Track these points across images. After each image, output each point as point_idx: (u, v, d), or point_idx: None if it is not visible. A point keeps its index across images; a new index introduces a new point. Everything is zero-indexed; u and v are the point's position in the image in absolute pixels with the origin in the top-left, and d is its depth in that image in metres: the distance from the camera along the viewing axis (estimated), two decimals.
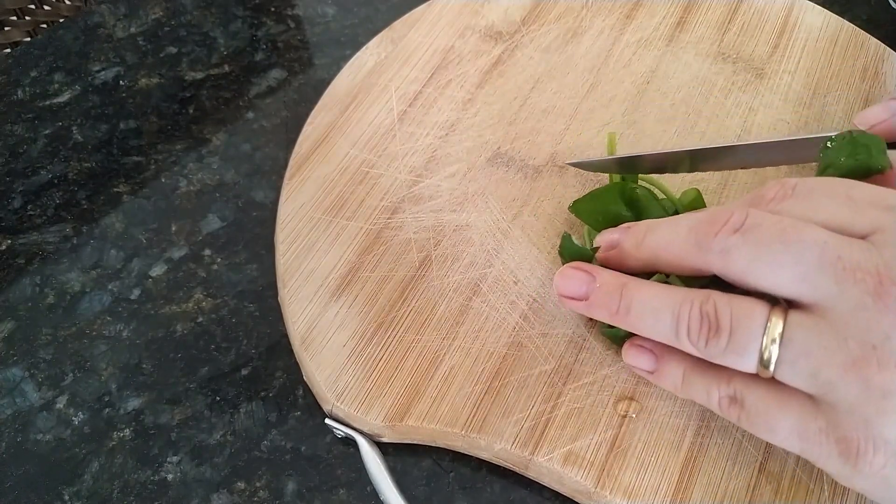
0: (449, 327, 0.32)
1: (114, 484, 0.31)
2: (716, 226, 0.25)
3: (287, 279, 0.34)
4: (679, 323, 0.26)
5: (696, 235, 0.26)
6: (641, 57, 0.41)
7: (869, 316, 0.22)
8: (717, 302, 0.25)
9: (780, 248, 0.24)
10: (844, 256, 0.23)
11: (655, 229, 0.28)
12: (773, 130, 0.38)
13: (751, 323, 0.24)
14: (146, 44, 0.46)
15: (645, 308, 0.27)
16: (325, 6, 0.47)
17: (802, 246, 0.23)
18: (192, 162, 0.41)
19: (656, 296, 0.27)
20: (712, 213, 0.26)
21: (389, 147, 0.38)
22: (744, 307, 0.24)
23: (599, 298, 0.29)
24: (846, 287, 0.23)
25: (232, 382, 0.34)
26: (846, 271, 0.23)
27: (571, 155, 0.37)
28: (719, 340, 0.25)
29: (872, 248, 0.23)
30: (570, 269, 0.30)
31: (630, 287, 0.28)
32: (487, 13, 0.43)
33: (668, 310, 0.26)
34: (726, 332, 0.24)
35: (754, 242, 0.24)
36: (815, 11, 0.42)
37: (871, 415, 0.22)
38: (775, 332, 0.24)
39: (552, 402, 0.30)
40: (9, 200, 0.39)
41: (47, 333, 0.35)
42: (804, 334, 0.23)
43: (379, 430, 0.30)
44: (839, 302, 0.23)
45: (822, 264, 0.23)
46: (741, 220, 0.25)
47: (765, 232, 0.24)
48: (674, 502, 0.28)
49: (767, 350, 0.24)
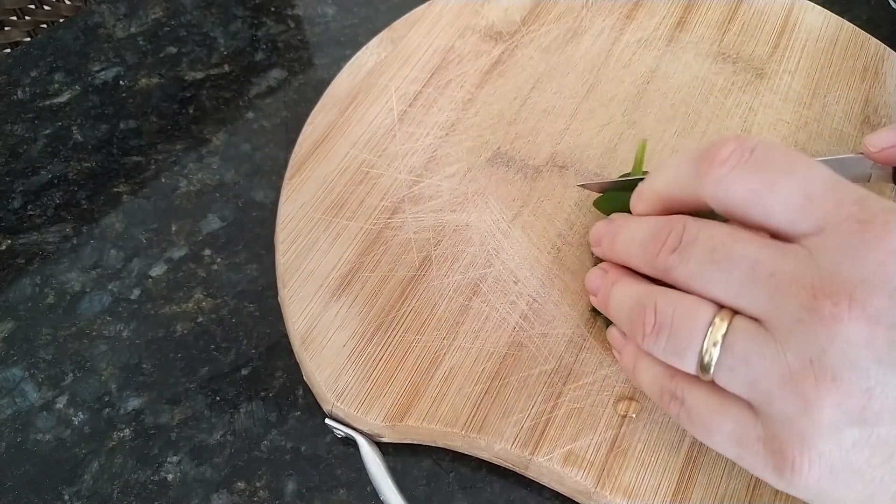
0: (449, 327, 0.32)
1: (114, 484, 0.31)
2: (657, 243, 0.26)
3: (287, 279, 0.34)
4: (631, 317, 0.26)
5: (644, 252, 0.27)
6: (641, 57, 0.41)
7: (806, 329, 0.22)
8: (658, 300, 0.25)
9: (711, 267, 0.24)
10: (778, 271, 0.23)
11: (620, 232, 0.29)
12: (773, 130, 0.38)
13: (692, 324, 0.24)
14: (146, 44, 0.46)
15: (615, 304, 0.28)
16: (325, 6, 0.47)
17: (732, 264, 0.23)
18: (192, 162, 0.41)
19: (625, 289, 0.28)
20: (654, 228, 0.26)
21: (389, 147, 0.38)
22: (687, 307, 0.24)
23: (600, 293, 0.30)
24: (781, 301, 0.22)
25: (232, 382, 0.34)
26: (780, 287, 0.22)
27: (571, 155, 0.37)
28: (659, 337, 0.25)
29: (808, 258, 0.22)
30: (597, 268, 0.31)
31: (617, 283, 0.29)
32: (487, 13, 0.43)
33: (627, 304, 0.27)
34: (666, 329, 0.25)
35: (689, 261, 0.24)
36: (815, 11, 0.42)
37: (807, 429, 0.22)
38: (718, 334, 0.23)
39: (552, 402, 0.30)
40: (9, 200, 0.39)
41: (47, 333, 0.35)
42: (745, 341, 0.23)
43: (379, 430, 0.30)
44: (777, 315, 0.22)
45: (755, 281, 0.23)
46: (678, 238, 0.25)
47: (697, 251, 0.24)
48: (674, 502, 0.28)
49: (708, 353, 0.23)
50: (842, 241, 0.22)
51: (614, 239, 0.29)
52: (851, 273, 0.21)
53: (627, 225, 0.29)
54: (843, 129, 0.38)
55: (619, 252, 0.29)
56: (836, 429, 0.22)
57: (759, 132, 0.38)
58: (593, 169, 0.37)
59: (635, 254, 0.27)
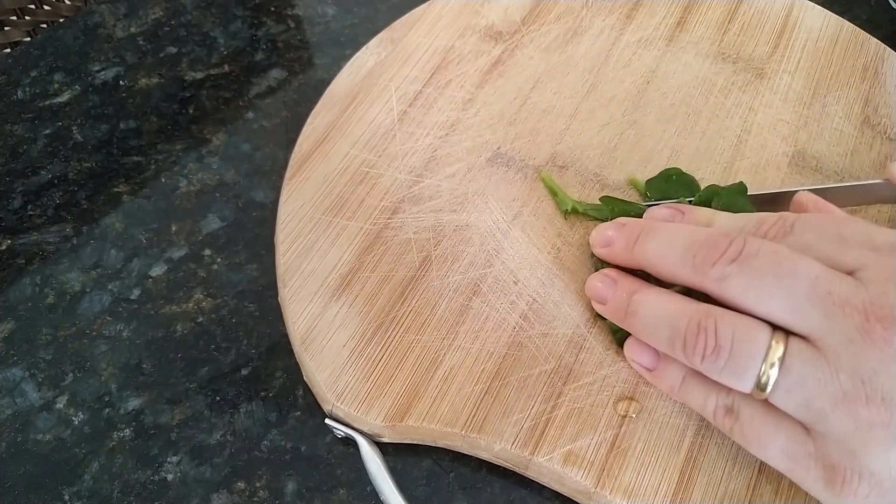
0: (449, 327, 0.32)
1: (114, 484, 0.31)
2: (714, 253, 0.26)
3: (287, 279, 0.34)
4: (674, 335, 0.26)
5: (693, 259, 0.26)
6: (641, 57, 0.41)
7: (858, 350, 0.23)
8: (718, 320, 0.25)
9: (773, 280, 0.24)
10: (834, 291, 0.24)
11: (651, 237, 0.29)
12: (773, 130, 0.38)
13: (752, 347, 0.24)
14: (146, 44, 0.46)
15: (648, 316, 0.28)
16: (325, 6, 0.47)
17: (794, 279, 0.24)
18: (192, 162, 0.41)
19: (659, 305, 0.27)
20: (711, 239, 0.26)
21: (389, 147, 0.38)
22: (746, 329, 0.25)
23: (613, 303, 0.30)
24: (836, 321, 0.23)
25: (232, 382, 0.34)
26: (836, 305, 0.23)
27: (571, 155, 0.37)
28: (718, 359, 0.25)
29: (859, 284, 0.24)
30: (600, 275, 0.31)
31: (639, 293, 0.28)
32: (487, 13, 0.43)
33: (666, 321, 0.27)
34: (726, 351, 0.25)
35: (749, 273, 0.25)
36: (815, 11, 0.42)
37: (859, 447, 0.23)
38: (775, 356, 0.24)
39: (552, 402, 0.30)
40: (9, 200, 0.39)
41: (47, 333, 0.35)
42: (801, 364, 0.24)
43: (379, 430, 0.30)
44: (830, 335, 0.23)
45: (813, 297, 0.24)
46: (739, 250, 0.25)
47: (760, 262, 0.25)
48: (674, 502, 0.28)
49: (766, 374, 0.24)
50: (886, 274, 0.23)
51: (640, 243, 0.29)
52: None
53: (664, 229, 0.28)
54: (843, 129, 0.38)
55: (649, 257, 0.28)
56: (886, 448, 0.23)
57: (759, 132, 0.38)
58: (593, 169, 0.37)
59: (674, 261, 0.27)
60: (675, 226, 0.29)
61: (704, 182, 0.36)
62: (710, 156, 0.37)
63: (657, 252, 0.28)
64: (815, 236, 0.26)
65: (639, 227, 0.29)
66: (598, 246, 0.31)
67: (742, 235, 0.26)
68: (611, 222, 0.31)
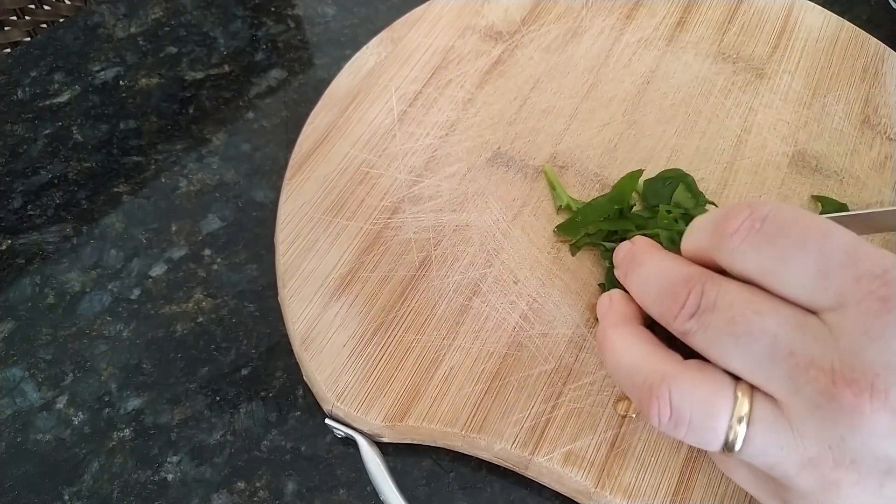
0: (449, 327, 0.32)
1: (114, 484, 0.31)
2: (675, 305, 0.24)
3: (287, 279, 0.34)
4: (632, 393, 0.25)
5: (660, 307, 0.25)
6: (641, 57, 0.41)
7: (824, 416, 0.21)
8: (672, 389, 0.23)
9: (730, 339, 0.23)
10: (797, 351, 0.21)
11: (634, 272, 0.27)
12: (773, 130, 0.38)
13: (713, 421, 0.23)
14: (146, 44, 0.46)
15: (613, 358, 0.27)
16: (325, 6, 0.47)
17: (751, 339, 0.22)
18: (192, 162, 0.41)
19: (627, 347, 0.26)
20: (674, 285, 0.25)
21: (389, 147, 0.38)
22: (706, 400, 0.23)
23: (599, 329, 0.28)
24: (799, 384, 0.21)
25: (232, 382, 0.34)
26: (799, 367, 0.21)
27: (571, 155, 0.37)
28: (677, 429, 0.24)
29: (828, 338, 0.21)
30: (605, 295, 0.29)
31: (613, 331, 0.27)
32: (487, 13, 0.43)
33: (626, 370, 0.26)
34: (684, 425, 0.23)
35: (706, 330, 0.23)
36: (815, 11, 0.42)
37: (826, 502, 0.22)
38: (741, 411, 0.23)
39: (552, 402, 0.30)
40: (9, 200, 0.39)
41: (47, 333, 0.35)
42: (763, 433, 0.22)
43: (379, 430, 0.30)
44: (794, 398, 0.22)
45: (774, 358, 0.22)
46: (696, 303, 0.24)
47: (715, 320, 0.23)
48: (674, 502, 0.28)
49: (733, 432, 0.23)
50: (863, 322, 0.21)
51: (629, 275, 0.28)
52: (874, 358, 0.20)
53: (644, 262, 0.27)
54: (843, 129, 0.38)
55: (633, 291, 0.27)
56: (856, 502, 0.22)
57: (759, 132, 0.38)
58: (593, 169, 0.37)
59: (651, 303, 0.26)
60: (656, 260, 0.27)
61: (704, 182, 0.36)
62: (710, 156, 0.37)
63: (638, 290, 0.27)
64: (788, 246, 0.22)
65: (632, 256, 0.28)
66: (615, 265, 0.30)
67: (701, 281, 0.24)
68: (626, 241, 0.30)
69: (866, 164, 0.37)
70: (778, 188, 0.36)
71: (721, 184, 0.36)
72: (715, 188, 0.36)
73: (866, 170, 0.37)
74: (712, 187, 0.36)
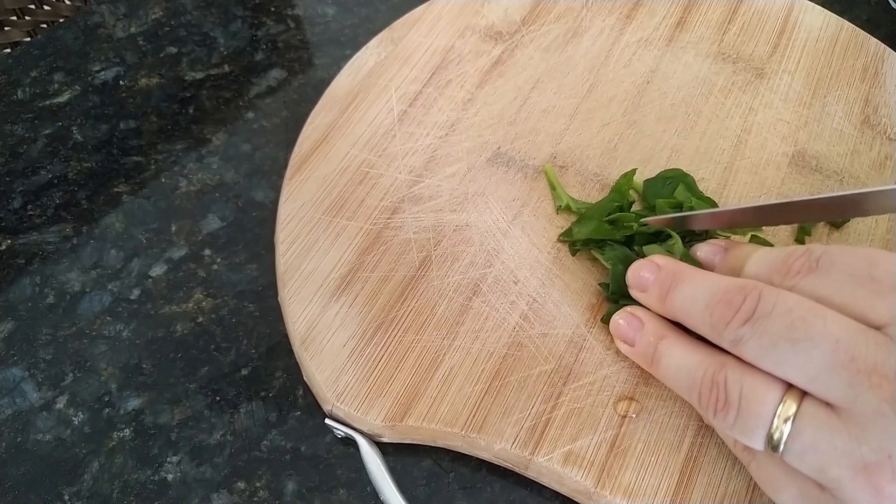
0: (449, 327, 0.32)
1: (114, 484, 0.31)
2: (729, 312, 0.24)
3: (287, 279, 0.34)
4: (692, 388, 0.26)
5: (710, 317, 0.25)
6: (641, 57, 0.41)
7: (886, 424, 0.21)
8: (728, 375, 0.24)
9: (787, 345, 0.22)
10: (859, 357, 0.21)
11: (679, 288, 0.27)
12: (773, 130, 0.38)
13: (760, 407, 0.23)
14: (146, 44, 0.46)
15: (670, 366, 0.27)
16: (325, 6, 0.47)
17: (811, 345, 0.22)
18: (192, 162, 0.41)
19: (682, 355, 0.27)
20: (727, 294, 0.25)
21: (389, 147, 0.38)
22: (755, 387, 0.23)
23: (640, 347, 0.29)
24: (861, 391, 0.21)
25: (232, 382, 0.34)
26: (860, 374, 0.21)
27: (571, 155, 0.37)
28: (727, 416, 0.24)
29: (891, 346, 0.21)
30: (626, 314, 0.30)
31: (665, 342, 0.27)
32: (487, 13, 0.43)
33: (686, 371, 0.26)
34: (734, 409, 0.24)
35: (762, 337, 0.23)
36: (815, 11, 0.42)
37: None
38: (786, 416, 0.23)
39: (552, 402, 0.30)
40: (9, 200, 0.39)
41: (47, 333, 0.35)
42: (814, 429, 0.22)
43: (379, 430, 0.30)
44: (855, 405, 0.21)
45: (834, 366, 0.22)
46: (752, 308, 0.24)
47: (773, 325, 0.23)
48: (674, 502, 0.28)
49: (778, 431, 0.23)
50: None
51: (670, 293, 0.27)
52: None
53: (689, 279, 0.27)
54: (843, 129, 0.38)
55: (676, 309, 0.27)
56: None
57: (759, 132, 0.38)
58: (593, 169, 0.37)
59: (698, 315, 0.26)
60: (702, 276, 0.27)
61: (704, 182, 0.36)
62: (710, 156, 0.37)
63: (682, 307, 0.27)
64: (841, 276, 0.23)
65: (671, 275, 0.28)
66: (635, 288, 0.30)
67: (758, 288, 0.24)
68: (647, 261, 0.29)
69: (866, 164, 0.37)
70: (778, 188, 0.36)
71: (721, 184, 0.36)
72: (715, 188, 0.36)
73: (866, 170, 0.37)
74: (712, 187, 0.36)
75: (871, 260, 0.23)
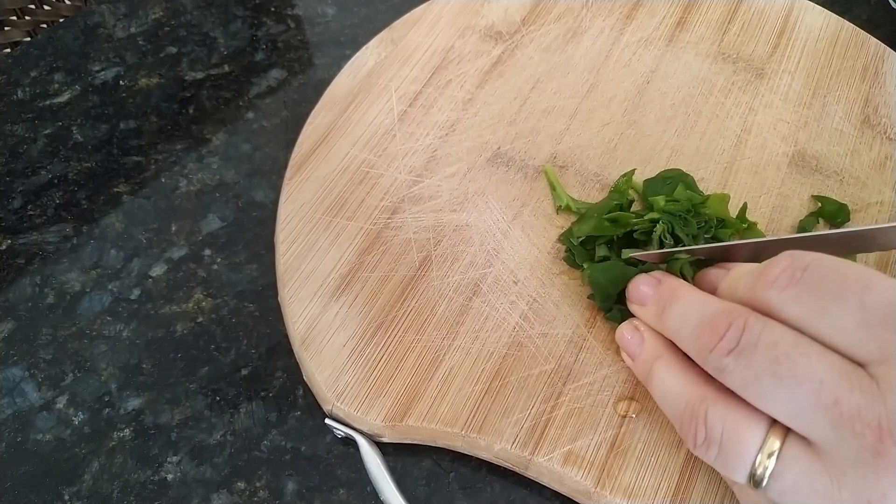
0: (449, 327, 0.32)
1: (114, 484, 0.31)
2: (713, 336, 0.24)
3: (287, 279, 0.34)
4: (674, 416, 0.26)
5: (697, 341, 0.24)
6: (641, 57, 0.41)
7: (867, 472, 0.21)
8: (709, 410, 0.24)
9: (771, 381, 0.22)
10: (843, 401, 0.21)
11: (672, 308, 0.27)
12: (773, 130, 0.38)
13: (741, 447, 0.23)
14: (146, 44, 0.46)
15: (658, 388, 0.27)
16: (325, 6, 0.47)
17: (795, 382, 0.22)
18: (192, 162, 0.41)
19: (669, 379, 0.26)
20: (714, 320, 0.24)
21: (389, 147, 0.38)
22: (738, 425, 0.23)
23: (638, 363, 0.29)
24: (843, 436, 0.21)
25: (232, 382, 0.34)
26: (843, 418, 0.21)
27: (571, 155, 0.37)
28: (708, 451, 0.24)
29: (876, 392, 0.21)
30: (630, 327, 0.29)
31: (659, 362, 0.27)
32: (487, 13, 0.43)
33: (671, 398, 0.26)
34: (715, 447, 0.23)
35: (745, 369, 0.23)
36: (815, 11, 0.42)
37: None
38: (772, 448, 0.22)
39: (552, 402, 0.30)
40: (9, 200, 0.39)
41: (47, 333, 0.35)
42: (796, 471, 0.22)
43: (379, 430, 0.30)
44: (836, 448, 0.21)
45: (817, 406, 0.21)
46: (736, 337, 0.23)
47: (757, 359, 0.22)
48: (674, 502, 0.28)
49: (761, 467, 0.22)
50: None
51: (665, 311, 0.27)
52: None
53: (683, 298, 0.26)
54: (843, 129, 0.38)
55: (668, 328, 0.27)
56: None
57: (759, 132, 0.38)
58: (593, 169, 0.37)
59: (687, 337, 0.25)
60: (695, 296, 0.26)
61: (704, 182, 0.36)
62: (710, 156, 0.37)
63: (674, 326, 0.26)
64: (829, 297, 0.22)
65: (669, 290, 0.27)
66: (634, 302, 0.29)
67: (743, 316, 0.23)
68: (647, 276, 0.29)
69: (866, 164, 0.37)
70: (778, 188, 0.36)
71: (721, 184, 0.36)
72: (715, 188, 0.36)
73: (866, 170, 0.37)
74: (712, 187, 0.36)
75: (864, 284, 0.22)
